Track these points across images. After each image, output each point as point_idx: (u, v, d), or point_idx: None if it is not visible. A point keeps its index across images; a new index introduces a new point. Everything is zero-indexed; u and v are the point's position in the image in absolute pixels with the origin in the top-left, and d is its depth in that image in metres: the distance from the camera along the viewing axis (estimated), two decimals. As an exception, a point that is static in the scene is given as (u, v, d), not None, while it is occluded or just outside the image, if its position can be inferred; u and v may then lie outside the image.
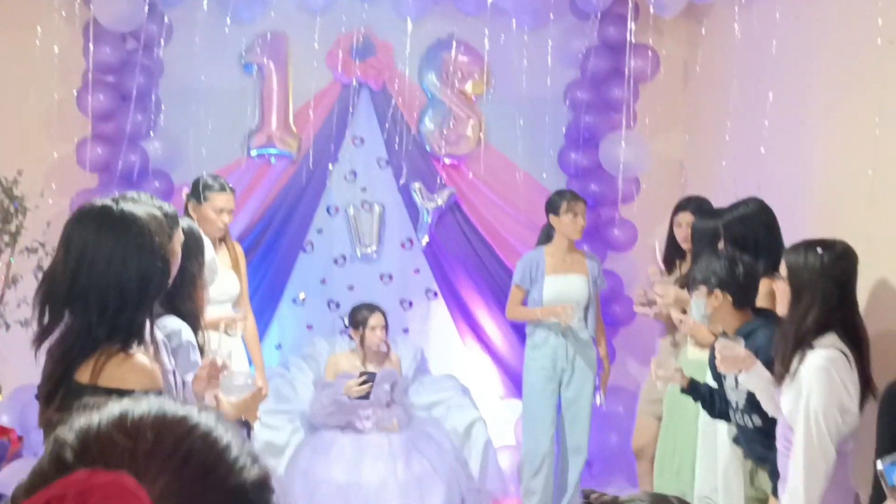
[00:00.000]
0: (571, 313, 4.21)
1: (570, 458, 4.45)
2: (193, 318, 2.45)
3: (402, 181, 5.26)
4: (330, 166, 5.25)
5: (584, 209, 4.39)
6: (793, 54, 4.12)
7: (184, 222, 2.57)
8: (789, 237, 3.27)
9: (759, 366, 2.84)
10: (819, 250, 2.70)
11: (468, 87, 5.29)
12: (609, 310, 5.01)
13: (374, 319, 4.60)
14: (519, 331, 5.00)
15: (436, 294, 5.47)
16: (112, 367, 1.77)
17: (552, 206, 4.37)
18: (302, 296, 5.30)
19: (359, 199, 5.36)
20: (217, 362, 2.28)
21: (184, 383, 2.23)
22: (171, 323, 2.36)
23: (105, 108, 4.80)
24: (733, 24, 4.53)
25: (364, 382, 4.43)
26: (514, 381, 5.07)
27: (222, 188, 3.92)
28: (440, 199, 5.29)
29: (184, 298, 2.42)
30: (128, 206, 1.91)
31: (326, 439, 4.34)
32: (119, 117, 4.77)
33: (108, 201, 1.92)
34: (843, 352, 2.64)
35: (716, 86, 4.92)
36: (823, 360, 2.61)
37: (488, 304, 5.36)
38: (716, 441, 3.49)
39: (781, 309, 2.82)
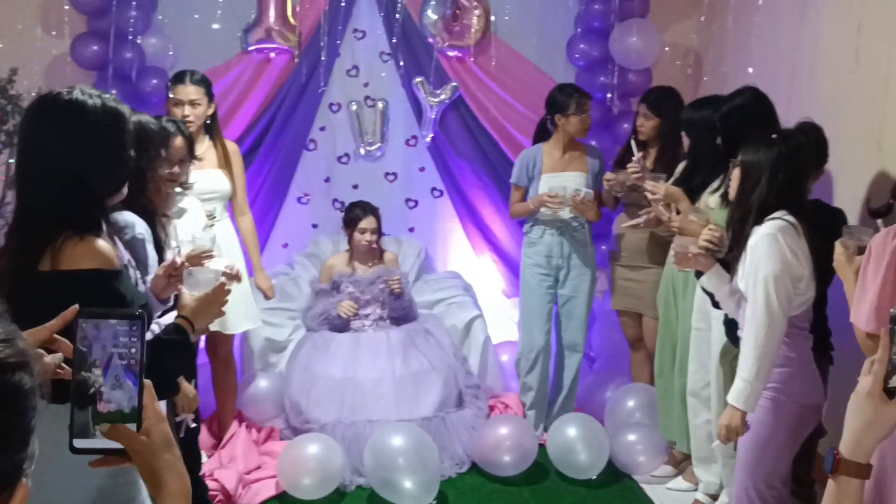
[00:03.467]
0: (561, 201, 4.12)
1: (566, 355, 4.45)
2: (147, 214, 2.42)
3: (405, 76, 5.12)
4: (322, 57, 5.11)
5: (590, 106, 4.24)
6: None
7: (135, 117, 2.52)
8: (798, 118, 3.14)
9: (717, 267, 2.81)
10: (774, 138, 2.70)
11: (473, -25, 5.06)
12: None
13: (365, 223, 4.56)
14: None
15: (441, 193, 5.40)
16: (68, 249, 1.78)
17: (558, 106, 4.21)
18: None
19: (361, 94, 5.24)
20: (177, 262, 2.26)
21: (144, 280, 2.22)
22: (124, 217, 2.33)
23: (99, 3, 4.68)
24: None
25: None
26: (519, 279, 5.03)
27: (178, 79, 3.85)
28: (444, 95, 5.15)
29: (134, 193, 2.39)
30: (78, 96, 1.85)
31: (325, 337, 4.38)
32: (114, 13, 4.66)
33: (61, 90, 1.87)
34: (790, 222, 2.64)
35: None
36: (769, 229, 2.63)
37: (494, 202, 5.28)
38: (709, 337, 3.45)
39: (732, 192, 2.80)
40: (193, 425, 2.68)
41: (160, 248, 2.45)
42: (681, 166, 3.82)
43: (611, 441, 4.11)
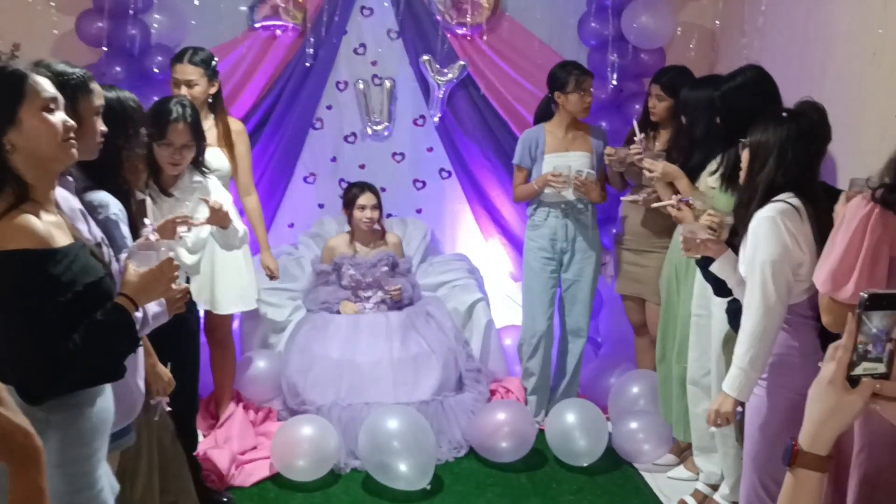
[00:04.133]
0: (565, 180, 4.03)
1: (570, 340, 4.38)
2: (122, 193, 2.38)
3: (412, 54, 5.04)
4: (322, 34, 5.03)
5: (591, 85, 4.14)
6: None
7: (113, 93, 2.47)
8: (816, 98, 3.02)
9: (729, 253, 2.70)
10: (784, 116, 2.59)
11: (483, -50, 4.96)
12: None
13: (364, 199, 4.51)
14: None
15: (449, 174, 5.32)
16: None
17: (558, 83, 4.13)
18: None
19: (369, 73, 5.17)
20: (150, 238, 2.23)
21: (117, 259, 2.18)
22: (99, 196, 2.30)
23: (104, -21, 4.64)
24: None
25: None
26: (525, 263, 4.97)
27: (178, 58, 3.82)
28: (452, 73, 5.06)
29: (109, 172, 2.35)
30: (13, 67, 1.81)
31: (325, 318, 4.35)
32: (118, -11, 4.63)
33: (7, 64, 1.84)
34: (793, 205, 2.52)
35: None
36: (769, 211, 2.52)
37: (503, 183, 5.19)
38: (710, 324, 3.37)
39: (743, 174, 2.68)
40: (168, 409, 2.65)
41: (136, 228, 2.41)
42: None
43: (614, 428, 4.05)
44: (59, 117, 1.90)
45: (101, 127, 2.26)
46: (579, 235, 4.23)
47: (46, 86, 1.89)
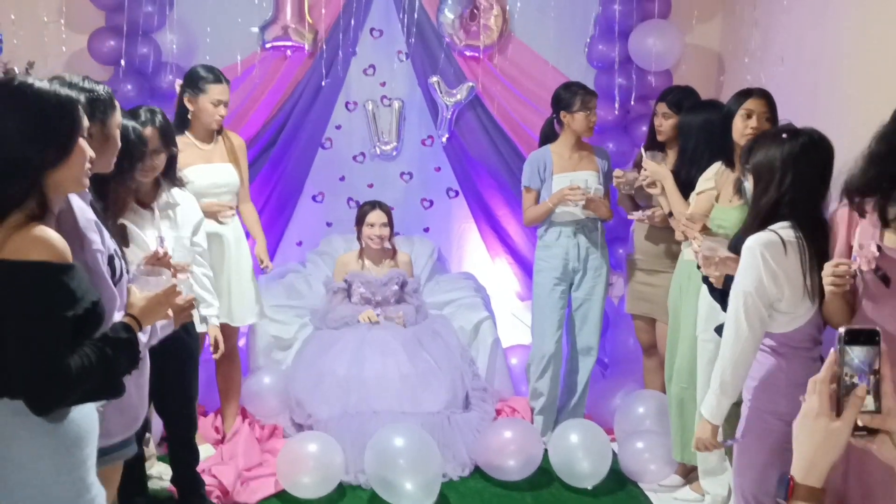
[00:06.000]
0: (583, 192, 4.04)
1: (579, 360, 4.37)
2: (100, 217, 2.40)
3: (421, 76, 5.09)
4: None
5: (596, 104, 4.17)
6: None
7: (127, 123, 2.51)
8: (823, 122, 3.04)
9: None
10: (784, 137, 2.57)
11: (491, -26, 5.02)
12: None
13: (373, 216, 4.54)
14: (539, 231, 4.87)
15: (456, 193, 5.36)
16: (16, 239, 1.74)
17: (563, 103, 4.16)
18: None
19: (378, 94, 5.21)
20: (160, 251, 2.26)
21: (127, 270, 2.20)
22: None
23: (116, -1, 4.72)
24: None
25: None
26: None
27: (217, 79, 3.84)
28: (460, 94, 5.11)
29: (107, 187, 2.39)
30: (28, 81, 1.84)
31: (332, 334, 4.36)
32: (131, 9, 4.70)
33: (14, 75, 1.86)
34: (781, 238, 2.47)
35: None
36: (754, 241, 2.49)
37: (510, 203, 5.23)
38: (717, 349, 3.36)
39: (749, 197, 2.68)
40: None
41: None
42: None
43: (619, 448, 4.03)
44: (87, 145, 1.92)
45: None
46: (591, 254, 4.24)
47: (84, 112, 1.92)
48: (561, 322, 4.30)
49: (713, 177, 3.50)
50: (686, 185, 3.65)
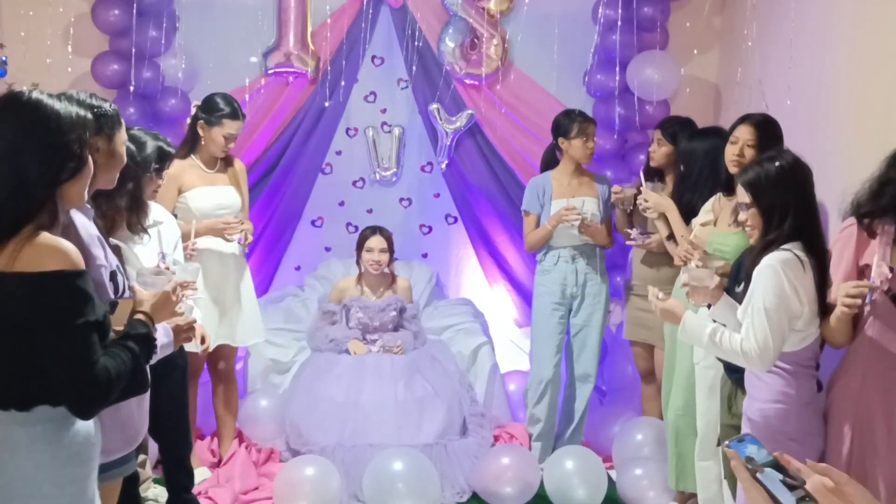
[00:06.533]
0: (579, 213, 4.06)
1: (577, 387, 4.36)
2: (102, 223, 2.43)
3: (421, 103, 5.15)
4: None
5: (594, 131, 4.22)
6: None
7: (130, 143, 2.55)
8: (815, 159, 3.08)
9: (725, 296, 2.72)
10: (774, 161, 2.62)
11: (492, 4, 5.09)
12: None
13: (373, 241, 4.55)
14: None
15: (455, 219, 5.38)
16: (28, 250, 1.76)
17: (561, 129, 4.21)
18: None
19: (378, 120, 5.26)
20: (161, 266, 2.28)
21: (130, 287, 2.21)
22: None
23: (121, 23, 4.77)
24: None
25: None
26: (532, 309, 4.98)
27: (234, 115, 3.87)
28: (460, 122, 5.15)
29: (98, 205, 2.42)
30: (39, 97, 1.86)
31: (330, 359, 4.35)
32: (135, 33, 4.74)
33: (23, 90, 1.88)
34: (797, 256, 2.53)
35: (754, 4, 4.60)
36: (772, 260, 2.53)
37: (508, 230, 5.25)
38: (715, 375, 3.36)
39: (753, 233, 2.68)
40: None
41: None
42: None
43: (618, 475, 4.01)
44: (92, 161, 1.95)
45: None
46: (589, 280, 4.26)
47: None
48: (559, 347, 4.30)
49: (711, 209, 3.53)
50: (688, 211, 3.67)
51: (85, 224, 2.14)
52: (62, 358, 1.75)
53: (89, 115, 1.96)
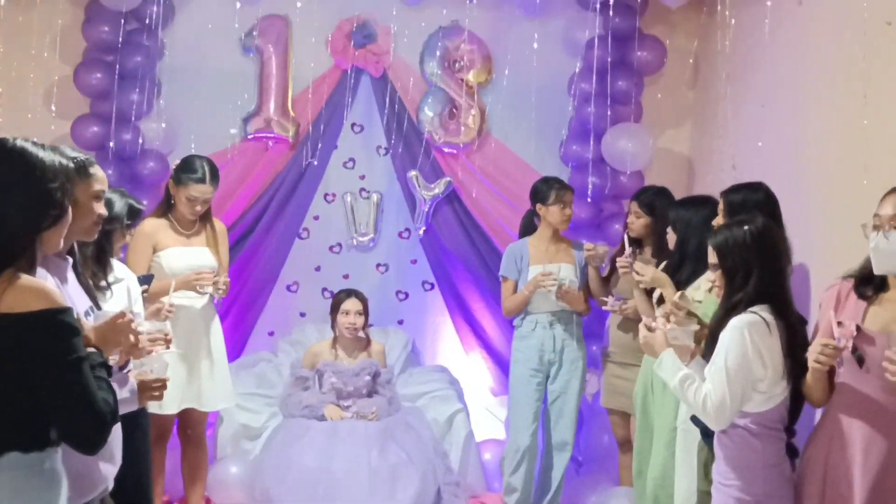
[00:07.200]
0: (555, 278, 4.08)
1: (554, 455, 4.31)
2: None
3: (400, 169, 5.21)
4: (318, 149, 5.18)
5: (571, 199, 4.28)
6: (795, 44, 3.95)
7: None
8: (791, 231, 3.13)
9: (698, 359, 2.72)
10: (743, 225, 2.69)
11: (470, 75, 5.21)
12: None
13: (349, 304, 4.53)
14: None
15: (432, 286, 5.38)
16: (11, 292, 1.76)
17: (539, 196, 4.27)
18: None
19: (357, 186, 5.30)
20: (126, 314, 2.24)
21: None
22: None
23: (102, 86, 4.81)
24: (741, 16, 4.37)
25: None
26: (508, 377, 4.94)
27: (201, 179, 3.85)
28: (438, 189, 5.21)
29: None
30: (24, 144, 1.88)
31: (302, 424, 4.26)
32: (117, 96, 4.78)
33: (8, 137, 1.89)
34: (764, 319, 2.56)
35: (727, 79, 4.73)
36: (739, 322, 2.56)
37: (485, 297, 5.25)
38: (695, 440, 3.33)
39: (720, 293, 2.73)
40: None
41: None
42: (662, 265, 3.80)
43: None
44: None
45: (101, 211, 2.31)
46: (566, 346, 4.25)
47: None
48: (537, 415, 4.26)
49: (702, 286, 3.53)
50: (683, 280, 3.60)
51: (46, 276, 2.13)
52: (66, 396, 1.78)
53: (71, 165, 1.99)
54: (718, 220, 3.35)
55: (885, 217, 2.39)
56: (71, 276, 2.28)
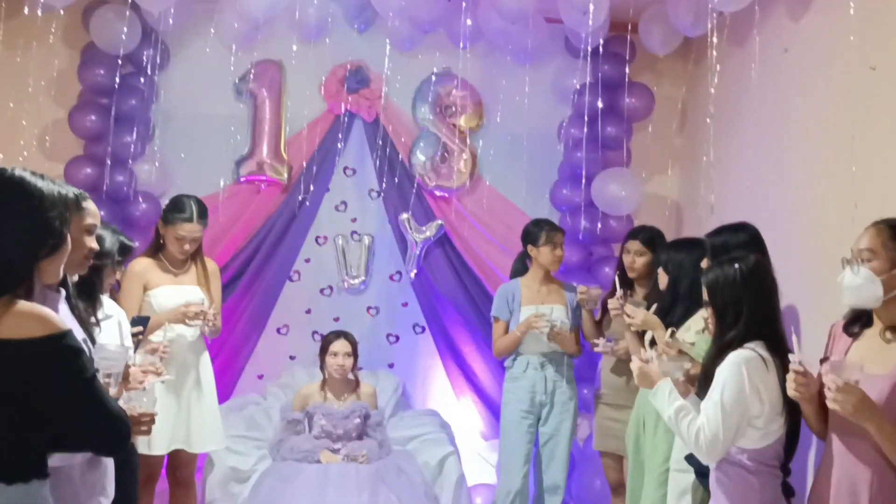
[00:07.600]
0: (548, 320, 4.09)
1: (546, 499, 4.26)
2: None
3: (392, 213, 5.24)
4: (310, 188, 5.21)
5: (562, 240, 4.30)
6: (782, 90, 4.04)
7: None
8: (779, 272, 3.15)
9: (691, 396, 2.72)
10: (734, 262, 2.70)
11: (462, 120, 5.28)
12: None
13: (337, 345, 4.51)
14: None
15: (423, 329, 5.37)
16: (9, 318, 1.76)
17: (530, 237, 4.30)
18: None
19: (348, 229, 5.32)
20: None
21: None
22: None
23: (97, 129, 4.84)
24: (727, 64, 4.47)
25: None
26: (499, 421, 4.91)
27: (189, 218, 3.85)
28: (429, 232, 5.23)
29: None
30: (22, 174, 1.90)
31: (292, 468, 4.20)
32: (111, 139, 4.80)
33: (6, 167, 1.90)
34: (760, 355, 2.57)
35: (713, 125, 4.82)
36: (737, 358, 2.57)
37: (476, 340, 5.25)
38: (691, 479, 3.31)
39: (712, 330, 2.74)
40: None
41: None
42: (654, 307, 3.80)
43: None
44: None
45: (92, 245, 2.30)
46: (558, 388, 4.23)
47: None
48: (528, 457, 4.22)
49: (692, 326, 3.54)
50: (675, 321, 3.62)
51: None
52: (83, 414, 1.82)
53: (70, 195, 1.99)
54: (705, 263, 3.38)
55: (855, 251, 2.42)
56: (63, 307, 2.27)
